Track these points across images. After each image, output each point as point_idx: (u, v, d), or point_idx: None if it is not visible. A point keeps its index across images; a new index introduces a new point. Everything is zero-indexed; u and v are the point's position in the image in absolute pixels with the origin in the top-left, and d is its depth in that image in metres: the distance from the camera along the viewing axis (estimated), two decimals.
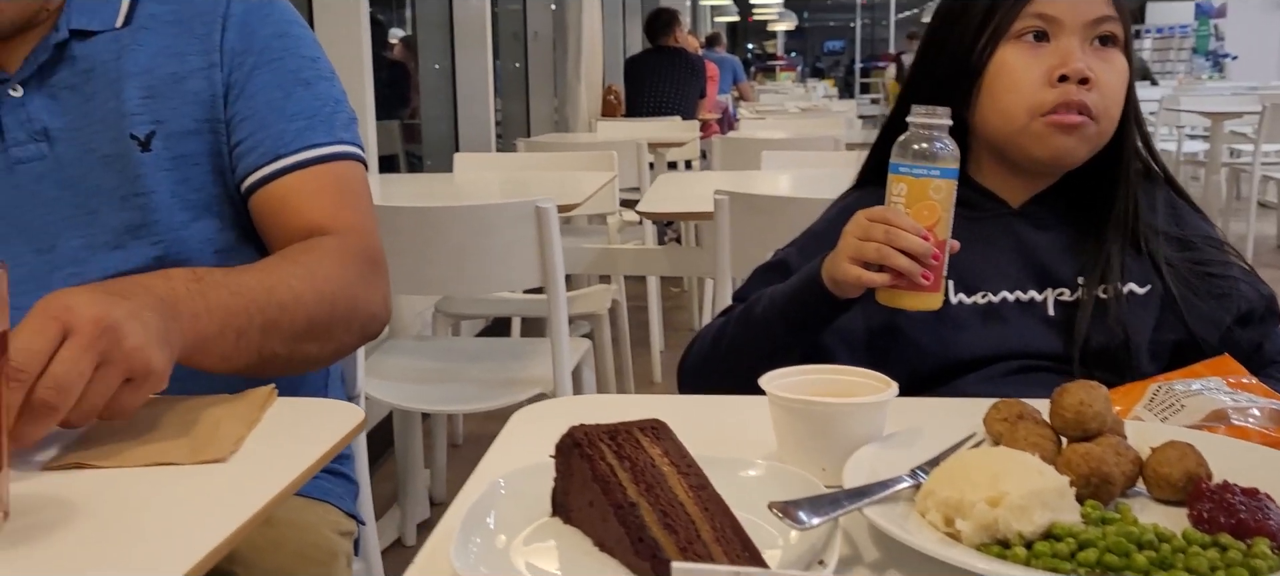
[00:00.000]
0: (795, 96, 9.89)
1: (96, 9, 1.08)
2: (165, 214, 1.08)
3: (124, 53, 1.08)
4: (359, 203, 1.11)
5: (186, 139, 1.08)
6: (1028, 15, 1.08)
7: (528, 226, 2.10)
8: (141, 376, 0.78)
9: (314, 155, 1.09)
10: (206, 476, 0.77)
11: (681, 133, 5.01)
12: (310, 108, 1.11)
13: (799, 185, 2.62)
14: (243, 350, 0.92)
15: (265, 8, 1.12)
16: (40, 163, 1.06)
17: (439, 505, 2.88)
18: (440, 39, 5.16)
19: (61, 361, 0.73)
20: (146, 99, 1.07)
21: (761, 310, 1.11)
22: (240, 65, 1.09)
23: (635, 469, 0.63)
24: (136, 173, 1.07)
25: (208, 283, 0.90)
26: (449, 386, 2.30)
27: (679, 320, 4.77)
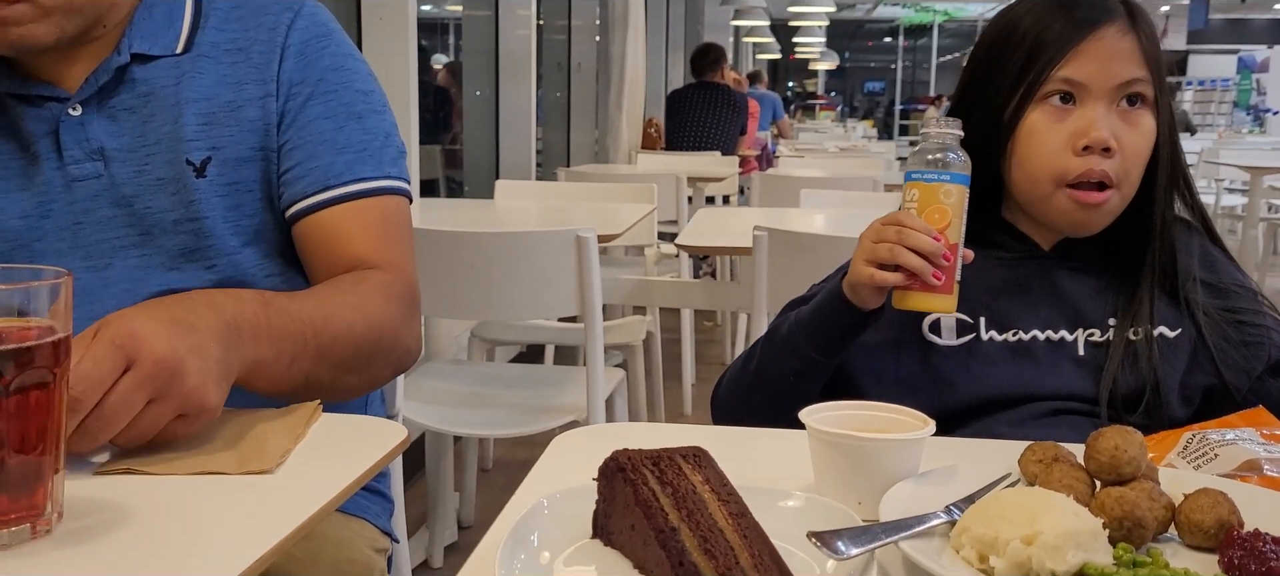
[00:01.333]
0: (834, 136, 9.92)
1: (158, 34, 1.10)
2: (218, 239, 1.10)
3: (183, 79, 1.10)
4: (402, 238, 1.13)
5: (241, 166, 1.10)
6: (1055, 79, 1.09)
7: (567, 255, 2.12)
8: (195, 414, 0.80)
9: (362, 188, 1.11)
10: (252, 488, 0.79)
11: (721, 168, 5.04)
12: (361, 141, 1.12)
13: (836, 224, 2.63)
14: (292, 375, 0.93)
15: (323, 40, 1.14)
16: (96, 181, 1.08)
17: (467, 529, 2.90)
18: (484, 67, 5.23)
19: (117, 394, 0.75)
20: (204, 125, 1.09)
21: (786, 330, 1.13)
22: (296, 94, 1.11)
23: (677, 495, 0.65)
24: (191, 198, 1.09)
25: (273, 308, 0.92)
26: (483, 411, 2.33)
27: (711, 354, 4.78)
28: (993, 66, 1.14)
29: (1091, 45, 1.08)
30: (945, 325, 1.13)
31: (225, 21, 1.13)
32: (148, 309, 0.82)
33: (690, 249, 2.98)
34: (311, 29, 1.13)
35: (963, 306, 1.13)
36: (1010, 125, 1.12)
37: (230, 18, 1.13)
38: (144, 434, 0.77)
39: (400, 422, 1.54)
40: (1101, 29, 1.09)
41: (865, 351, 1.13)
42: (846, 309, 1.07)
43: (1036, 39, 1.10)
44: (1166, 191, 1.14)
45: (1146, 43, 1.10)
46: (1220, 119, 16.89)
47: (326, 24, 1.15)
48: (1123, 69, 1.08)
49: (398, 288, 1.08)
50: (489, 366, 2.96)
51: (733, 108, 6.33)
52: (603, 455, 0.90)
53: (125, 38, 1.08)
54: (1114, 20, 1.10)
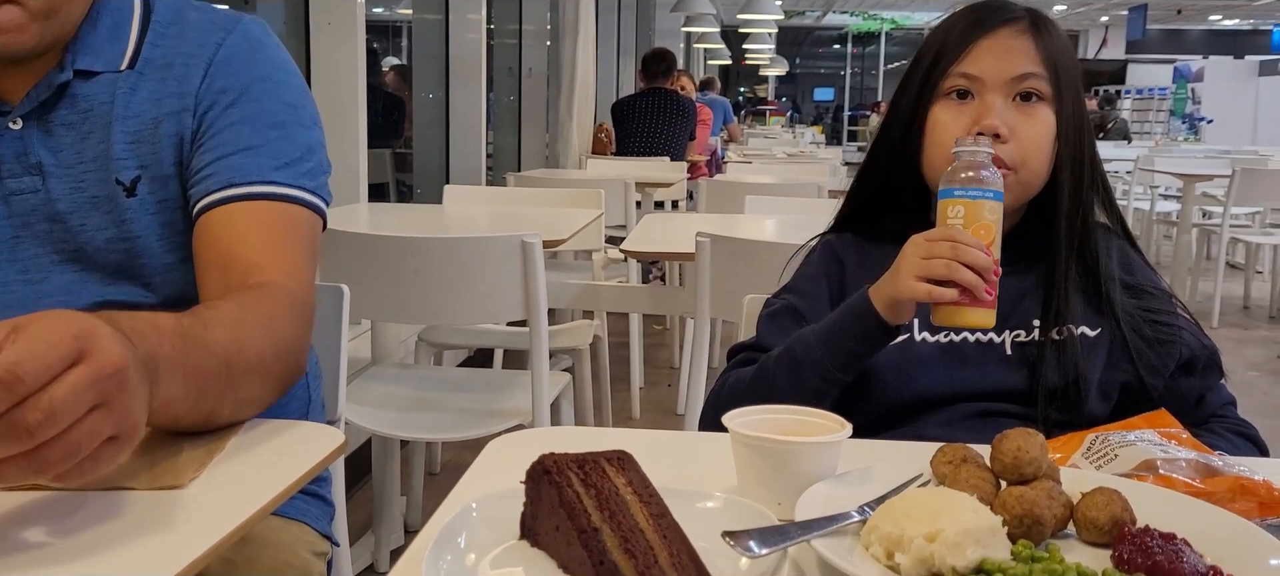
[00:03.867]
0: (783, 142, 10.01)
1: (102, 49, 1.09)
2: (153, 257, 1.09)
3: (117, 96, 1.08)
4: (304, 251, 1.08)
5: (168, 183, 1.09)
6: (954, 75, 1.16)
7: (513, 260, 2.14)
8: (127, 436, 0.71)
9: (269, 191, 1.07)
10: (178, 495, 0.78)
11: (669, 173, 5.08)
12: (278, 148, 1.09)
13: (779, 230, 2.68)
14: (197, 413, 0.87)
15: (253, 52, 1.12)
16: (33, 196, 1.07)
17: (413, 532, 2.88)
18: (435, 71, 5.23)
19: (65, 385, 0.66)
20: (132, 144, 1.08)
21: (802, 352, 1.14)
22: (217, 103, 1.09)
23: (600, 496, 0.67)
24: (123, 217, 1.08)
25: (189, 340, 0.84)
26: (429, 415, 2.34)
27: (659, 357, 4.81)
28: (909, 74, 1.22)
29: (986, 43, 1.16)
30: None
31: (162, 37, 1.12)
32: (105, 315, 0.73)
33: (636, 254, 3.01)
34: (242, 43, 1.12)
35: None
36: (920, 124, 1.18)
37: (167, 34, 1.12)
38: (73, 449, 0.67)
39: (341, 427, 1.55)
40: (999, 29, 1.16)
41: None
42: (877, 324, 1.08)
43: (941, 42, 1.19)
44: (1075, 188, 1.18)
45: (1046, 45, 1.16)
46: (1157, 127, 17.27)
47: (260, 39, 1.14)
48: (1015, 63, 1.15)
49: (299, 301, 1.04)
50: (436, 370, 2.97)
51: (682, 113, 6.37)
52: (531, 456, 0.93)
53: (69, 52, 1.08)
54: (1012, 22, 1.17)
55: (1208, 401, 1.17)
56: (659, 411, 4.08)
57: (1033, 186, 1.17)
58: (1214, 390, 1.18)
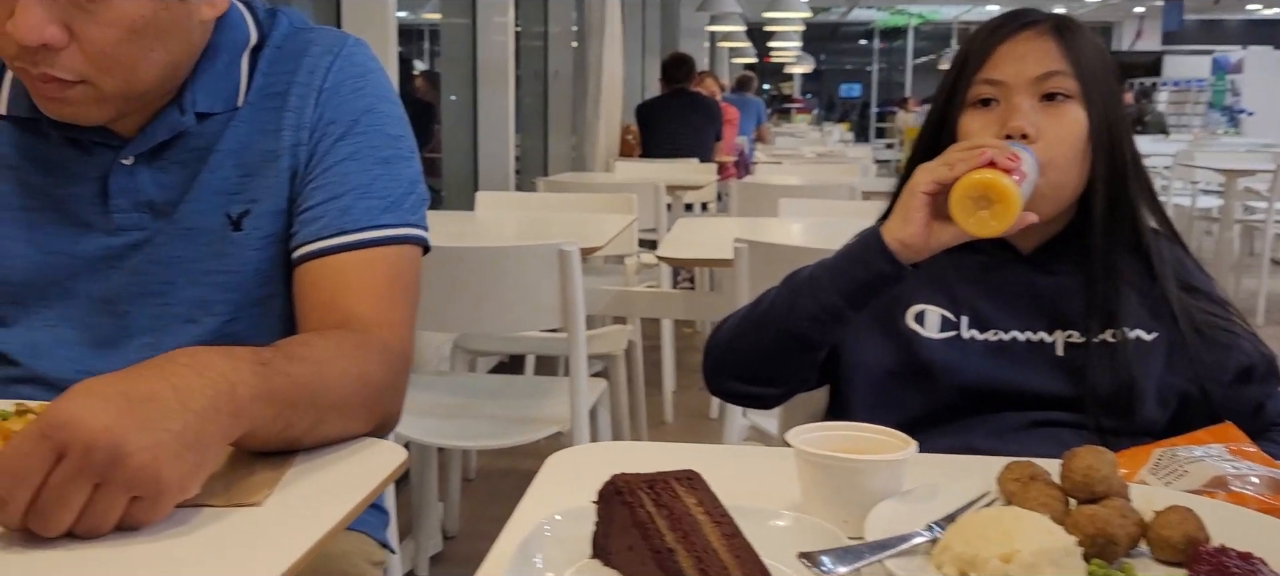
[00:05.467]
0: (811, 140, 9.99)
1: (218, 88, 1.08)
2: (244, 292, 1.09)
3: (229, 129, 1.08)
4: (407, 297, 1.09)
5: (276, 218, 1.08)
6: (978, 82, 1.16)
7: (550, 268, 2.15)
8: (151, 494, 0.74)
9: (377, 236, 1.07)
10: (255, 513, 0.80)
11: (699, 176, 5.08)
12: (384, 187, 1.09)
13: (815, 234, 2.68)
14: (277, 438, 0.88)
15: (359, 80, 1.11)
16: (139, 232, 1.07)
17: (451, 538, 2.92)
18: (463, 75, 5.25)
19: (49, 489, 0.71)
20: (245, 177, 1.08)
21: (807, 274, 1.13)
22: (327, 135, 1.09)
23: (672, 516, 0.68)
24: (225, 251, 1.08)
25: (272, 369, 0.86)
26: (467, 422, 2.35)
27: (691, 361, 4.80)
28: (940, 86, 1.23)
29: (1007, 47, 1.16)
30: (929, 320, 1.17)
31: (273, 65, 1.10)
32: (97, 384, 0.75)
33: (672, 261, 3.01)
34: (349, 69, 1.11)
35: (946, 303, 1.18)
36: (950, 133, 1.17)
37: (276, 62, 1.11)
38: (98, 525, 0.72)
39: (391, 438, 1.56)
40: (1019, 33, 1.16)
41: (854, 336, 1.17)
42: (883, 254, 1.06)
43: (966, 52, 1.19)
44: (1116, 187, 1.17)
45: (1070, 45, 1.15)
46: (1195, 120, 17.05)
47: (365, 64, 1.13)
48: (1037, 64, 1.14)
49: (395, 355, 1.04)
50: (472, 378, 2.99)
51: (707, 115, 6.38)
52: (594, 474, 0.93)
53: (189, 93, 1.06)
54: (1033, 26, 1.17)
55: (1267, 410, 1.16)
56: (691, 415, 4.09)
57: (1066, 186, 1.16)
58: (1273, 398, 1.17)
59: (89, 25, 0.94)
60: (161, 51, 0.99)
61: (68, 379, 0.96)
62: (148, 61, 0.98)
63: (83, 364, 1.05)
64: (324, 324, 1.04)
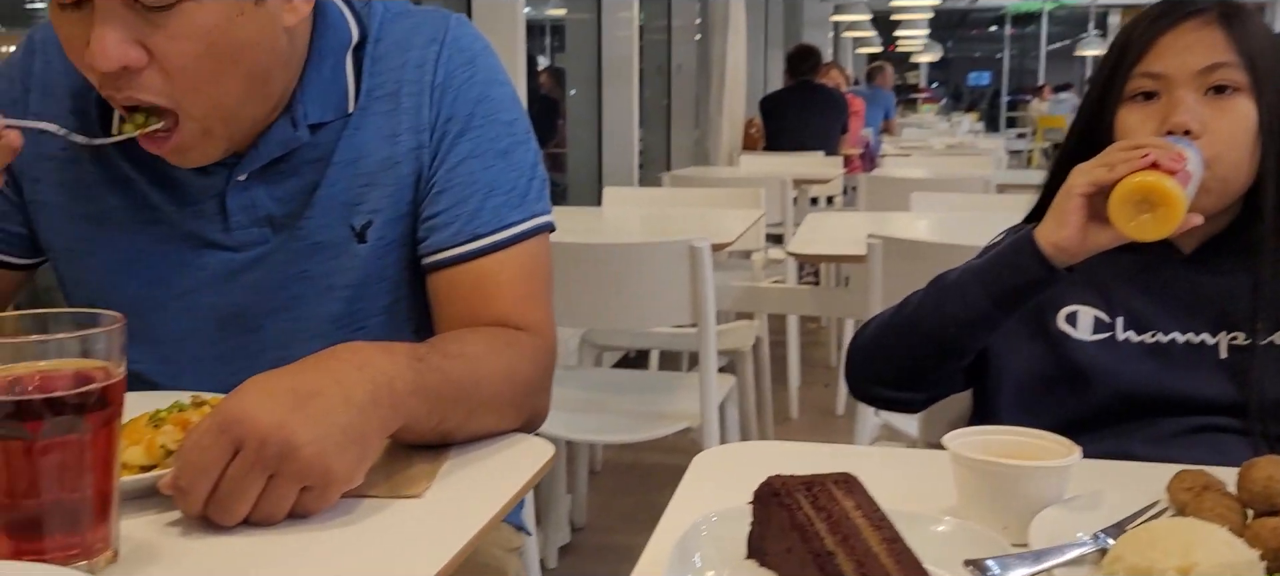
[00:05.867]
0: (939, 131, 9.75)
1: (327, 96, 1.04)
2: (372, 302, 1.08)
3: (344, 138, 1.05)
4: (545, 288, 1.09)
5: (398, 223, 1.06)
6: (1138, 75, 1.11)
7: (681, 264, 2.16)
8: (320, 484, 0.78)
9: (509, 235, 1.06)
10: (415, 505, 0.83)
11: (826, 169, 5.02)
12: (508, 180, 1.07)
13: (948, 229, 2.61)
14: (432, 432, 0.91)
15: (469, 68, 1.08)
16: (260, 247, 1.06)
17: (579, 530, 2.96)
18: (587, 70, 5.31)
19: (227, 481, 0.75)
20: (366, 187, 1.05)
21: (956, 276, 1.11)
22: (446, 132, 1.06)
23: (831, 519, 0.67)
24: (350, 264, 1.06)
25: (427, 366, 0.88)
26: (598, 416, 2.38)
27: (816, 356, 4.76)
28: (1094, 78, 1.18)
29: (1170, 38, 1.10)
30: (1082, 321, 1.13)
31: (379, 62, 1.07)
32: (267, 380, 0.80)
33: (804, 257, 2.98)
34: (457, 58, 1.07)
35: (1099, 304, 1.14)
36: (1107, 129, 1.13)
37: (380, 60, 1.07)
38: (272, 513, 0.77)
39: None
40: (1182, 23, 1.10)
41: (1002, 338, 1.14)
42: (1036, 257, 1.03)
43: (1124, 42, 1.14)
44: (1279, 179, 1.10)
45: (1238, 33, 1.09)
46: None
47: (471, 47, 1.09)
48: (1203, 55, 1.08)
49: (542, 352, 1.05)
50: (600, 372, 3.02)
51: (833, 107, 6.30)
52: (741, 473, 0.93)
53: (299, 105, 1.02)
54: (1198, 15, 1.10)
55: None
56: (817, 411, 4.05)
57: (1233, 182, 1.10)
58: None
59: (164, 41, 0.91)
60: (244, 64, 0.95)
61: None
62: (230, 76, 0.95)
63: (217, 380, 1.02)
64: (467, 327, 1.04)
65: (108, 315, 0.72)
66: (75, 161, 1.05)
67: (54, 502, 0.69)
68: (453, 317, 1.06)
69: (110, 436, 0.71)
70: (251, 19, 0.94)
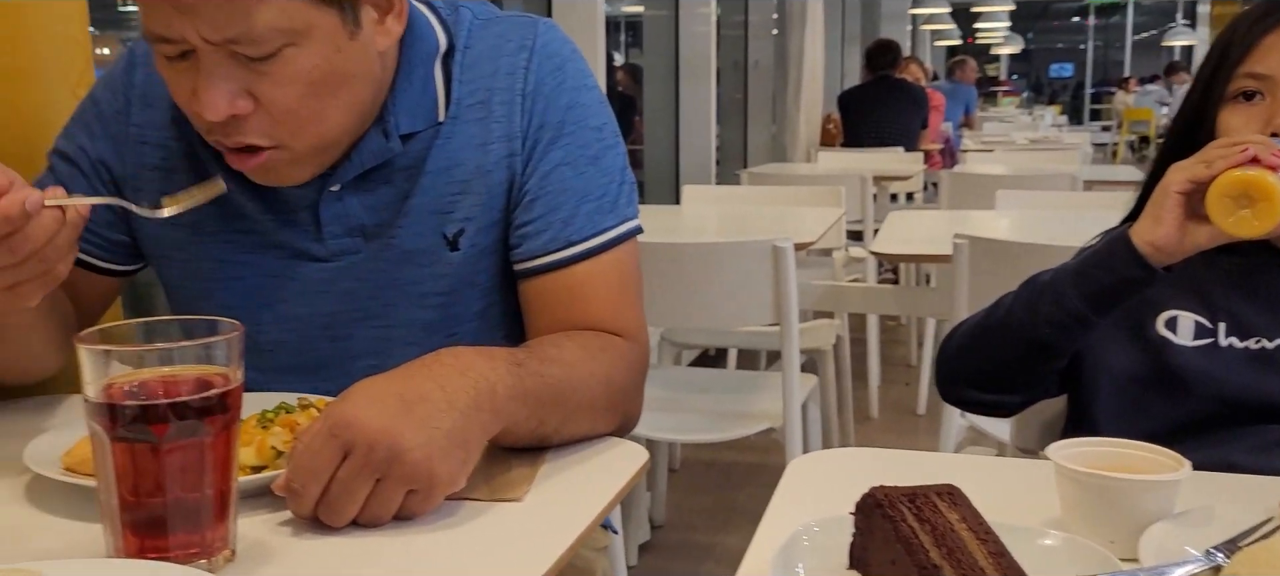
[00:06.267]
0: (1021, 125, 9.54)
1: (417, 106, 1.05)
2: (464, 308, 1.09)
3: (435, 147, 1.05)
4: (637, 293, 1.10)
5: (490, 231, 1.07)
6: (1240, 76, 1.08)
7: (764, 264, 2.15)
8: (425, 487, 0.79)
9: (601, 241, 1.06)
10: (516, 508, 0.84)
11: (906, 166, 4.96)
12: (599, 186, 1.07)
13: (1036, 227, 2.56)
14: (530, 435, 0.92)
15: (559, 74, 1.08)
16: (353, 257, 1.07)
17: (659, 527, 2.97)
18: (665, 67, 5.31)
19: (337, 483, 0.77)
20: (458, 195, 1.06)
21: (1049, 278, 1.10)
22: (538, 141, 1.06)
23: (936, 532, 0.67)
24: (443, 272, 1.07)
25: (526, 371, 0.89)
26: (679, 415, 2.38)
27: (896, 355, 4.70)
28: (1197, 76, 1.15)
29: (1273, 39, 1.08)
30: (1182, 326, 1.11)
31: (469, 70, 1.07)
32: (374, 385, 0.81)
33: (888, 256, 2.95)
34: (547, 65, 1.07)
35: (1200, 308, 1.12)
36: (1208, 130, 1.10)
37: (470, 67, 1.07)
38: (380, 515, 0.79)
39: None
40: None
41: (1100, 342, 1.12)
42: (1131, 257, 1.02)
43: (1227, 40, 1.11)
44: None
45: None
46: None
47: (560, 52, 1.09)
48: None
49: (636, 356, 1.06)
50: (680, 371, 3.03)
51: (912, 102, 6.21)
52: (836, 480, 0.93)
53: (391, 116, 1.03)
54: None
55: None
56: (897, 411, 4.00)
57: None
58: None
59: (269, 88, 0.92)
60: (345, 95, 0.97)
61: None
62: (333, 108, 0.97)
63: (309, 387, 1.05)
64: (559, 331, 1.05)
65: (227, 323, 0.75)
66: (174, 171, 1.08)
67: (176, 502, 0.72)
68: (546, 324, 1.07)
69: (229, 440, 0.74)
70: (348, 54, 0.95)
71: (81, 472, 0.85)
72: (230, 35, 0.89)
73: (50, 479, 0.85)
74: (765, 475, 3.35)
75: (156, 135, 1.08)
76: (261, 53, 0.90)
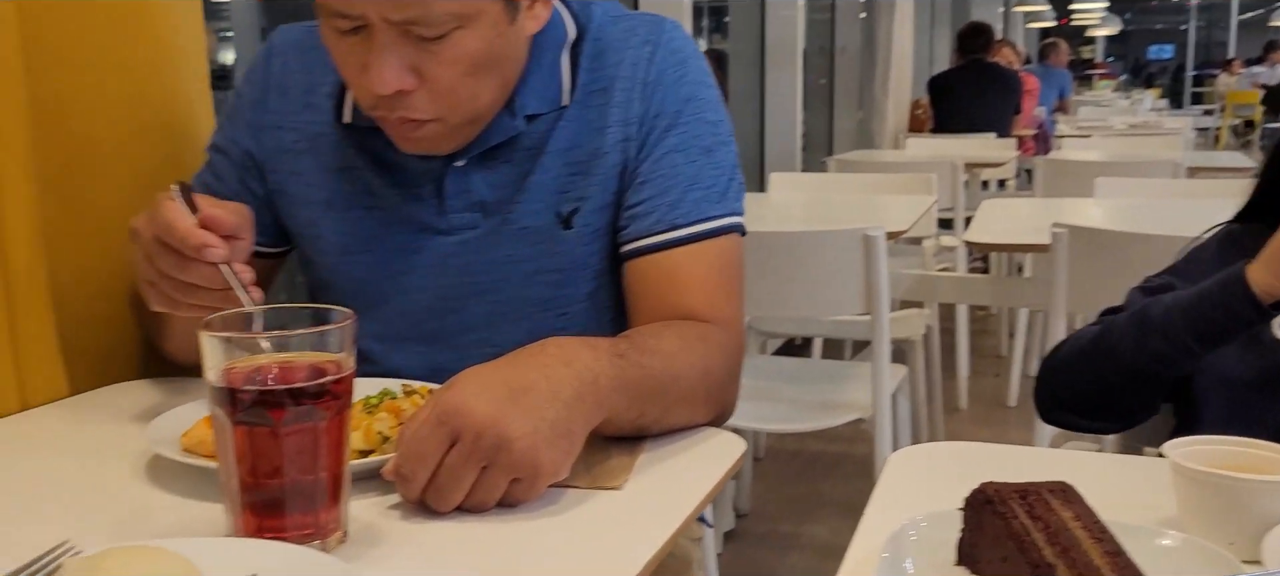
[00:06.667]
0: (1119, 109, 9.25)
1: (544, 89, 1.09)
2: (574, 288, 1.11)
3: (557, 128, 1.09)
4: (736, 285, 1.11)
5: (603, 213, 1.10)
6: None
7: (854, 253, 2.13)
8: (530, 476, 0.81)
9: (706, 229, 1.08)
10: (616, 497, 0.85)
11: (999, 152, 4.85)
12: (710, 177, 1.09)
13: (1138, 217, 2.49)
14: (630, 426, 0.94)
15: (680, 68, 1.11)
16: (471, 232, 1.10)
17: (743, 516, 2.97)
18: (750, 54, 5.27)
19: (444, 470, 0.79)
20: (574, 176, 1.09)
21: (1160, 312, 1.08)
22: (654, 127, 1.09)
23: (1049, 530, 0.66)
24: (555, 249, 1.10)
25: (628, 362, 0.91)
26: (767, 404, 2.37)
27: (985, 345, 4.62)
28: None
29: None
30: None
31: (595, 61, 1.11)
32: (482, 373, 0.83)
33: (983, 246, 2.89)
34: (670, 59, 1.10)
35: None
36: None
37: (596, 57, 1.11)
38: (485, 501, 0.81)
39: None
40: None
41: None
42: (1245, 296, 1.01)
43: None
44: None
45: None
46: None
47: (683, 49, 1.12)
48: None
49: (733, 347, 1.06)
50: (768, 360, 3.01)
51: (1006, 87, 6.07)
52: (938, 474, 0.92)
53: (518, 97, 1.08)
54: None
55: None
56: (987, 402, 3.93)
57: None
58: None
59: (434, 66, 0.97)
60: (497, 75, 1.03)
61: (416, 374, 1.07)
62: (487, 87, 1.02)
63: (425, 359, 1.11)
64: (659, 318, 1.06)
65: (340, 311, 0.77)
66: (308, 152, 1.14)
67: (293, 484, 0.74)
68: (647, 308, 1.08)
69: (342, 424, 0.76)
70: (506, 37, 1.01)
71: (199, 453, 0.89)
72: (409, 16, 0.94)
73: (170, 459, 0.89)
74: (851, 465, 3.33)
75: (291, 120, 1.14)
76: (434, 33, 0.96)
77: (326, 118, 1.12)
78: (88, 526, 0.80)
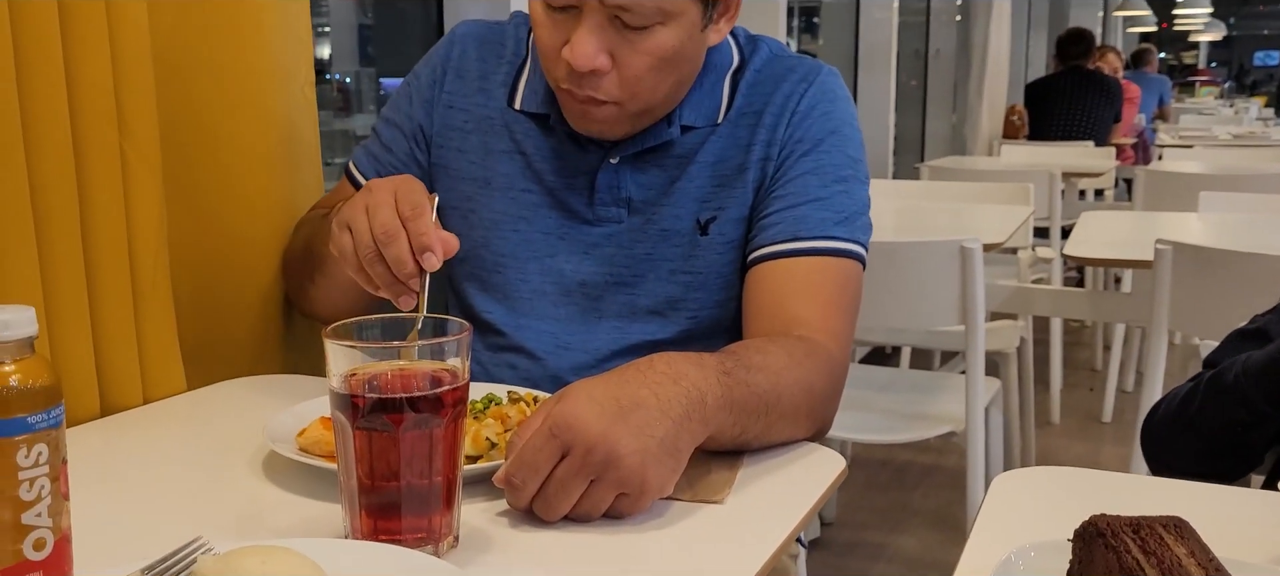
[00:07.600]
0: (1222, 118, 8.93)
1: (702, 105, 1.16)
2: (705, 293, 1.17)
3: (708, 142, 1.16)
4: (850, 309, 1.13)
5: (737, 225, 1.16)
6: None
7: (950, 265, 2.10)
8: (636, 492, 0.82)
9: (829, 246, 1.11)
10: (718, 511, 0.86)
11: (1098, 161, 4.73)
12: (841, 203, 1.13)
13: (1243, 233, 2.41)
14: (732, 441, 0.95)
15: (829, 103, 1.16)
16: (616, 226, 1.17)
17: (828, 525, 2.95)
18: (843, 56, 5.22)
19: (553, 482, 0.81)
20: (716, 187, 1.16)
21: (1233, 378, 1.07)
22: (793, 152, 1.14)
23: (1163, 567, 0.65)
24: (691, 253, 1.16)
25: (733, 380, 0.92)
26: (857, 413, 2.35)
27: (1079, 358, 4.51)
28: None
29: None
30: None
31: (752, 88, 1.17)
32: (593, 388, 0.84)
33: (1084, 261, 2.83)
34: (821, 95, 1.16)
35: None
36: None
37: (755, 86, 1.17)
38: (591, 513, 0.82)
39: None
40: None
41: None
42: None
43: None
44: None
45: None
46: None
47: (836, 91, 1.18)
48: None
49: (837, 365, 1.08)
50: (857, 368, 2.98)
51: (1105, 94, 5.91)
52: (1044, 500, 0.91)
53: (678, 108, 1.15)
54: None
55: None
56: (1080, 416, 3.84)
57: None
58: None
59: (629, 54, 1.05)
60: (676, 75, 1.10)
61: (546, 353, 1.16)
62: (666, 82, 1.09)
63: (558, 340, 1.19)
64: (771, 323, 1.09)
65: (456, 323, 0.79)
66: (475, 132, 1.22)
67: (409, 488, 0.76)
68: (758, 312, 1.12)
69: (457, 431, 0.78)
70: (695, 42, 1.09)
71: (314, 453, 0.92)
72: (622, 2, 1.02)
73: (287, 458, 0.92)
74: (940, 476, 3.28)
75: (463, 101, 1.23)
76: (639, 23, 1.03)
77: (497, 104, 1.21)
78: (213, 522, 0.83)
